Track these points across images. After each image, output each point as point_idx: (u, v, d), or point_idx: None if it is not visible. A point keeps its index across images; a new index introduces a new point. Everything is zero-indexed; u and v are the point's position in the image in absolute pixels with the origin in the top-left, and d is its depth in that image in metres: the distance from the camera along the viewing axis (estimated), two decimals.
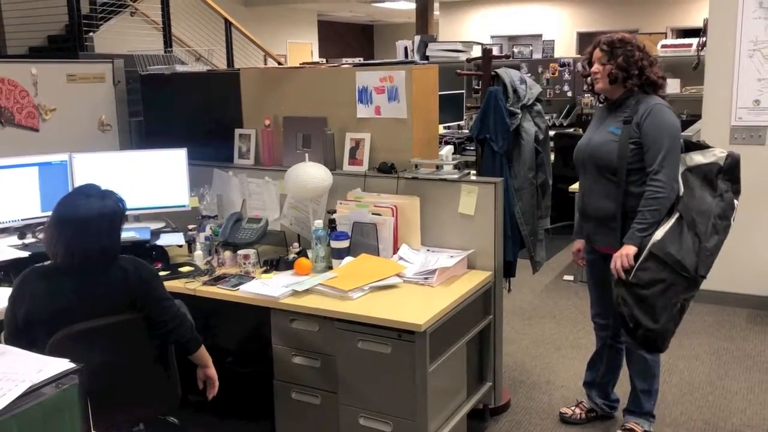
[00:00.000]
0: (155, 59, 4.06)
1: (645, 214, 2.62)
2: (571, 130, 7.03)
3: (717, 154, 2.68)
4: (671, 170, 2.61)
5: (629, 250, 2.63)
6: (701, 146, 2.74)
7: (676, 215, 2.63)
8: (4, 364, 1.24)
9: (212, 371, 2.45)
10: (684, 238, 2.60)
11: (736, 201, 2.69)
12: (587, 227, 2.91)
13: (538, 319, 4.48)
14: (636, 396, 2.97)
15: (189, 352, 2.39)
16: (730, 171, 2.67)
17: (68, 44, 7.59)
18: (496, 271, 2.97)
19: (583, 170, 2.86)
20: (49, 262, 2.28)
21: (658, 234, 2.61)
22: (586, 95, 7.38)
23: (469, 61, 3.61)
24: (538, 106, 3.23)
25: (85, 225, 2.16)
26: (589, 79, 2.83)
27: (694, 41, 5.71)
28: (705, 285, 4.82)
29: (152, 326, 2.29)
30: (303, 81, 3.38)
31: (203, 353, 2.43)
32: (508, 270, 3.18)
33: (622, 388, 3.19)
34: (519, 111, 3.11)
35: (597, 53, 2.76)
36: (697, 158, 2.69)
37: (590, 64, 2.80)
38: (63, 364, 1.24)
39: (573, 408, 3.21)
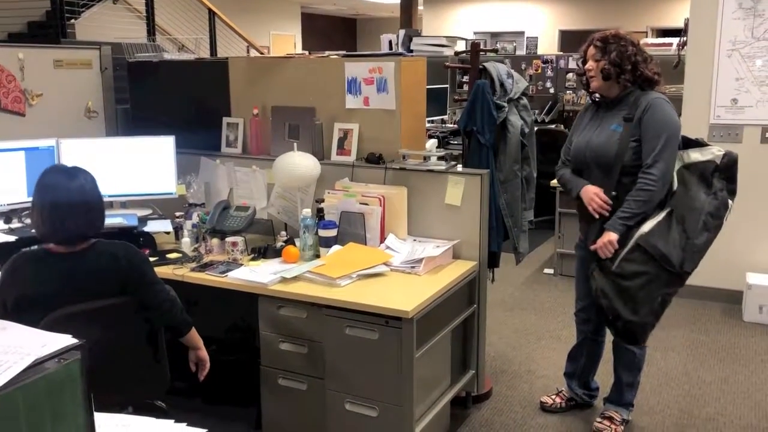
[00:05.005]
0: (142, 47, 4.05)
1: (631, 204, 2.64)
2: (553, 126, 7.11)
3: (714, 152, 2.68)
4: (665, 165, 2.61)
5: (612, 237, 2.65)
6: (700, 144, 2.74)
7: (667, 210, 2.64)
8: (8, 338, 1.25)
9: (204, 353, 2.49)
10: (672, 233, 2.62)
11: (730, 201, 2.67)
12: (585, 225, 2.90)
13: (520, 311, 4.56)
14: (619, 388, 3.03)
15: (181, 334, 2.42)
16: (726, 170, 2.66)
17: (49, 31, 7.52)
18: (481, 261, 3.02)
19: (586, 171, 2.84)
20: (37, 246, 2.29)
21: (646, 226, 2.63)
22: (567, 92, 7.47)
23: (457, 54, 3.65)
24: (524, 100, 3.28)
25: (60, 195, 2.18)
26: (584, 78, 2.81)
27: (674, 41, 5.81)
28: None
29: (144, 310, 2.31)
30: (292, 71, 3.40)
31: (194, 335, 2.46)
32: (492, 260, 3.23)
33: (601, 377, 3.27)
34: (506, 104, 3.16)
35: (591, 50, 2.75)
36: (695, 155, 2.69)
37: (585, 62, 2.79)
38: (66, 340, 1.25)
39: (553, 397, 3.27)
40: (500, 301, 4.71)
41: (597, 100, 2.84)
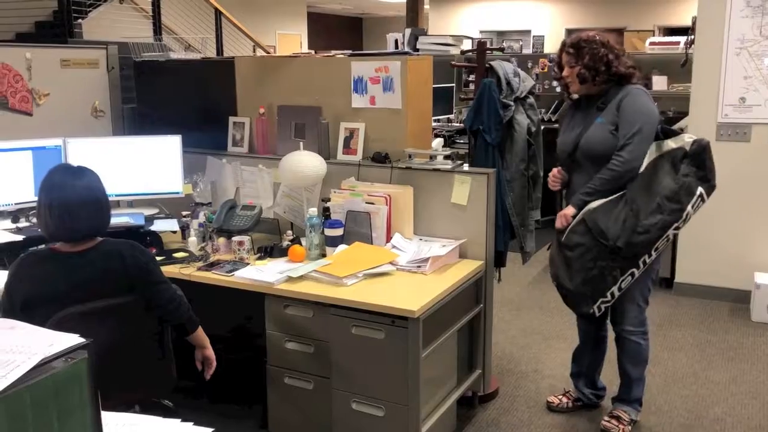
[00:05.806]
0: (148, 47, 4.06)
1: (595, 181, 2.74)
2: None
3: (685, 139, 2.75)
4: (635, 148, 2.67)
5: (568, 210, 2.80)
6: (676, 133, 2.81)
7: (623, 192, 2.71)
8: (16, 337, 1.25)
9: (210, 351, 2.49)
10: (616, 210, 2.70)
11: (700, 188, 2.69)
12: None
13: (526, 310, 4.54)
14: (628, 384, 3.02)
15: (188, 333, 2.42)
16: (694, 156, 2.71)
17: (57, 30, 7.54)
18: (488, 260, 3.02)
19: (576, 167, 2.88)
20: (43, 246, 2.29)
21: (595, 203, 2.72)
22: None
23: (463, 53, 3.65)
24: (531, 99, 3.27)
25: (69, 194, 2.18)
26: (562, 83, 2.88)
27: (682, 39, 5.78)
28: (688, 278, 4.90)
29: (150, 309, 2.31)
30: (298, 70, 3.40)
31: (201, 334, 2.46)
32: (499, 260, 3.23)
33: (609, 378, 3.25)
34: (512, 103, 3.15)
35: (564, 57, 2.82)
36: (671, 144, 2.76)
37: (561, 69, 2.85)
38: (73, 339, 1.25)
39: (560, 397, 3.26)
40: (506, 300, 4.70)
41: (575, 99, 2.93)
